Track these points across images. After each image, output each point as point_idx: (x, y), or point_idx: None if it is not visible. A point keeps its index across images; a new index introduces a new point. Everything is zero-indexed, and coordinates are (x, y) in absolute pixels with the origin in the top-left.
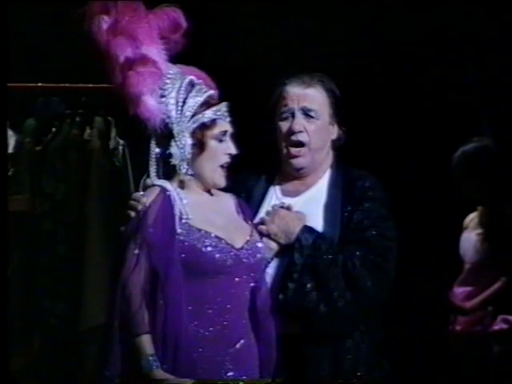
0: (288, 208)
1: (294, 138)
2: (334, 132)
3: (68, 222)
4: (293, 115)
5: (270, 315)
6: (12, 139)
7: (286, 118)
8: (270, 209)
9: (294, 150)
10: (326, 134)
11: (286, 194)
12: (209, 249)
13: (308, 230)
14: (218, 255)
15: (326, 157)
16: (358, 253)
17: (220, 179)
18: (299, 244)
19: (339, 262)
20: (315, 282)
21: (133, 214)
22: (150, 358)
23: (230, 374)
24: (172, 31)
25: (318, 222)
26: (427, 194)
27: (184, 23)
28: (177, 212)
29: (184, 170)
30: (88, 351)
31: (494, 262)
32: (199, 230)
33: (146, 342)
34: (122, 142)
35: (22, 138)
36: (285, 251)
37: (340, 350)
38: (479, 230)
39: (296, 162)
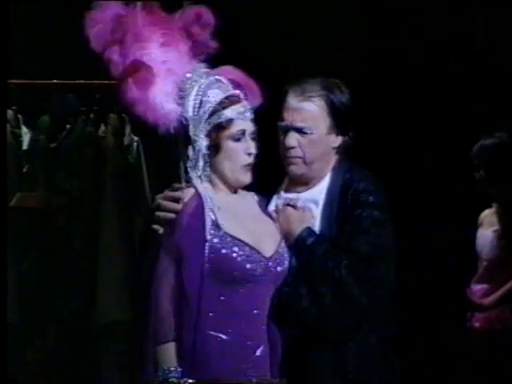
0: (294, 206)
1: (287, 153)
2: (336, 140)
3: (83, 219)
4: (287, 131)
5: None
6: (26, 136)
7: (282, 132)
8: (273, 207)
9: (289, 160)
10: (323, 145)
11: (290, 191)
12: (241, 258)
13: (308, 233)
14: (249, 265)
15: (328, 162)
16: (345, 261)
17: (243, 177)
18: (297, 248)
19: (328, 270)
20: (308, 287)
21: (171, 215)
22: (172, 368)
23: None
24: (200, 29)
25: (316, 225)
26: (443, 192)
27: (212, 20)
28: (211, 217)
29: (199, 172)
30: (102, 346)
31: (511, 259)
32: (233, 238)
33: (169, 351)
34: (136, 138)
35: (37, 134)
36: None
37: (341, 353)
38: (495, 227)
39: (291, 169)
